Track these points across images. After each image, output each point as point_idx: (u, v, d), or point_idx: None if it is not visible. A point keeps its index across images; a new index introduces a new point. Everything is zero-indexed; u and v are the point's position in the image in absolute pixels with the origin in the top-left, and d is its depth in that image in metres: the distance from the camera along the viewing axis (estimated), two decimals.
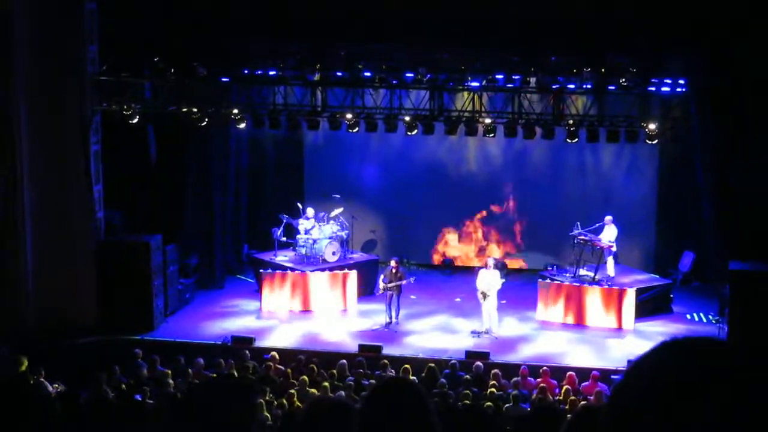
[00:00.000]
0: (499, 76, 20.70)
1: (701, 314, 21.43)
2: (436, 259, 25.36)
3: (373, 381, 15.80)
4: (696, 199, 21.17)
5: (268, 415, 13.81)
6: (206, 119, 21.36)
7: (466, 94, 21.25)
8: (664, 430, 1.66)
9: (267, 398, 15.03)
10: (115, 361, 17.10)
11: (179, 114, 21.39)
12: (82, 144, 20.28)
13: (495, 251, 24.66)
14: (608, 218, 21.46)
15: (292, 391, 15.47)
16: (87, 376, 15.81)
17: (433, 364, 17.49)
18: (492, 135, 21.08)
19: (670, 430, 1.66)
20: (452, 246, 25.38)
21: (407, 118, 21.18)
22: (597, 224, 21.45)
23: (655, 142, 20.61)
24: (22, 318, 19.76)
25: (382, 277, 20.58)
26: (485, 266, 20.31)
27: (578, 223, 21.48)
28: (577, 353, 19.20)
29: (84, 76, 20.20)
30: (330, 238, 22.70)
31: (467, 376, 16.97)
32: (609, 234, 21.35)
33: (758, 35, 18.63)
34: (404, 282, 20.39)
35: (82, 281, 20.38)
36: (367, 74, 21.19)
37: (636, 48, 19.91)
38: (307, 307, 21.54)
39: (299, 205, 23.33)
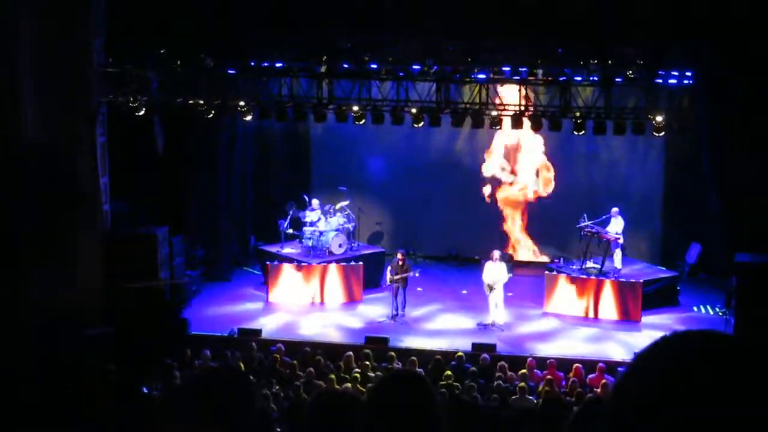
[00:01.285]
0: (506, 68, 20.65)
1: (708, 306, 21.40)
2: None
3: (379, 373, 15.81)
4: (703, 191, 21.10)
5: (274, 407, 13.82)
6: (213, 111, 21.35)
7: (473, 85, 21.21)
8: (666, 425, 1.65)
9: (273, 390, 15.04)
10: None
11: (186, 106, 21.37)
12: (89, 136, 20.29)
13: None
14: (615, 210, 21.43)
15: (298, 383, 15.48)
16: (94, 368, 15.82)
17: (439, 357, 17.51)
18: (498, 127, 21.04)
19: (672, 424, 1.65)
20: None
21: (414, 110, 21.15)
22: (604, 216, 21.42)
23: (662, 134, 20.56)
24: (28, 310, 19.76)
25: (389, 269, 20.58)
26: (491, 259, 20.30)
27: (585, 215, 21.45)
28: (583, 345, 19.19)
29: (90, 67, 20.19)
30: (336, 230, 22.71)
31: (474, 368, 16.99)
32: (616, 226, 21.32)
33: (766, 25, 18.55)
34: (410, 274, 20.40)
35: (88, 273, 20.37)
36: (374, 66, 21.14)
37: (643, 39, 19.83)
38: (313, 300, 21.55)
39: (306, 197, 23.33)
